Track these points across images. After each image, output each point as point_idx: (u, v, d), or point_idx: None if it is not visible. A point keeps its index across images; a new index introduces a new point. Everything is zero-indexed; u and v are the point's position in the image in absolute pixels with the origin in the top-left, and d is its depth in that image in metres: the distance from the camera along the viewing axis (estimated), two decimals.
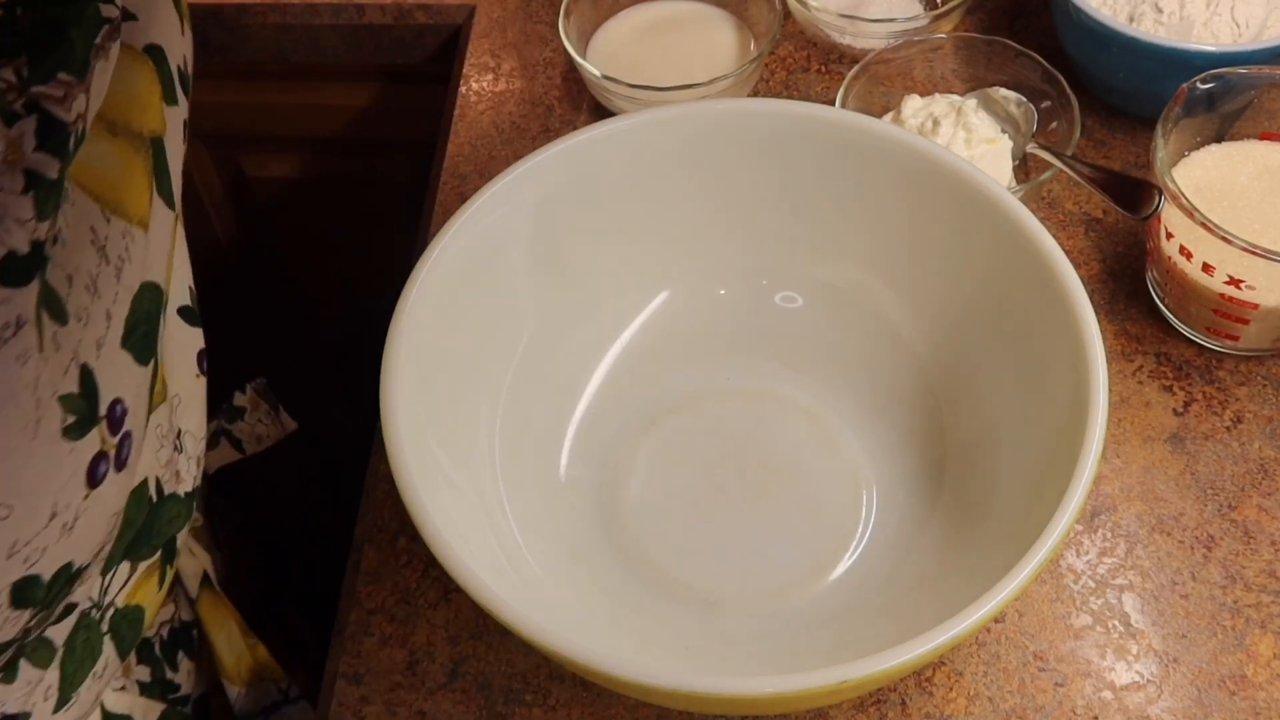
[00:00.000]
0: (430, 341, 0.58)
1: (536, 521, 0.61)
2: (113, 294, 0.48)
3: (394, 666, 0.60)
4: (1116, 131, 0.78)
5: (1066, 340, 0.55)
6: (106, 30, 0.47)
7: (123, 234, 0.49)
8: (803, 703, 0.54)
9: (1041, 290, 0.56)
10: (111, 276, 0.48)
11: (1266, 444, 0.65)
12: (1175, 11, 0.73)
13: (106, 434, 0.47)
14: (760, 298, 0.68)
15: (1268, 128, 0.68)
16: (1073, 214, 0.74)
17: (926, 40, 0.78)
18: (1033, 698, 0.58)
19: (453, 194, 0.79)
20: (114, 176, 0.49)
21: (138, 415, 0.50)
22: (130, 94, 0.51)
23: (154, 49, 0.54)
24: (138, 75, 0.52)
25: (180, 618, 0.67)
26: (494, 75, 0.86)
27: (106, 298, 0.47)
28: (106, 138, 0.50)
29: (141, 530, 0.57)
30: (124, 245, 0.49)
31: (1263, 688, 0.57)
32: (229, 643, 0.68)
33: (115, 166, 0.49)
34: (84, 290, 0.46)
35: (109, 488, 0.48)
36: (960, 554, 0.58)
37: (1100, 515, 0.63)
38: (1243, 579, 0.61)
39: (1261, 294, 0.63)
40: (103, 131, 0.50)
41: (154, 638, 0.65)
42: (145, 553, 0.58)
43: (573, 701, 0.59)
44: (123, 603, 0.57)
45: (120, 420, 0.48)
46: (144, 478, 0.57)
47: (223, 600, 0.68)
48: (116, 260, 0.48)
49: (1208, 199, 0.65)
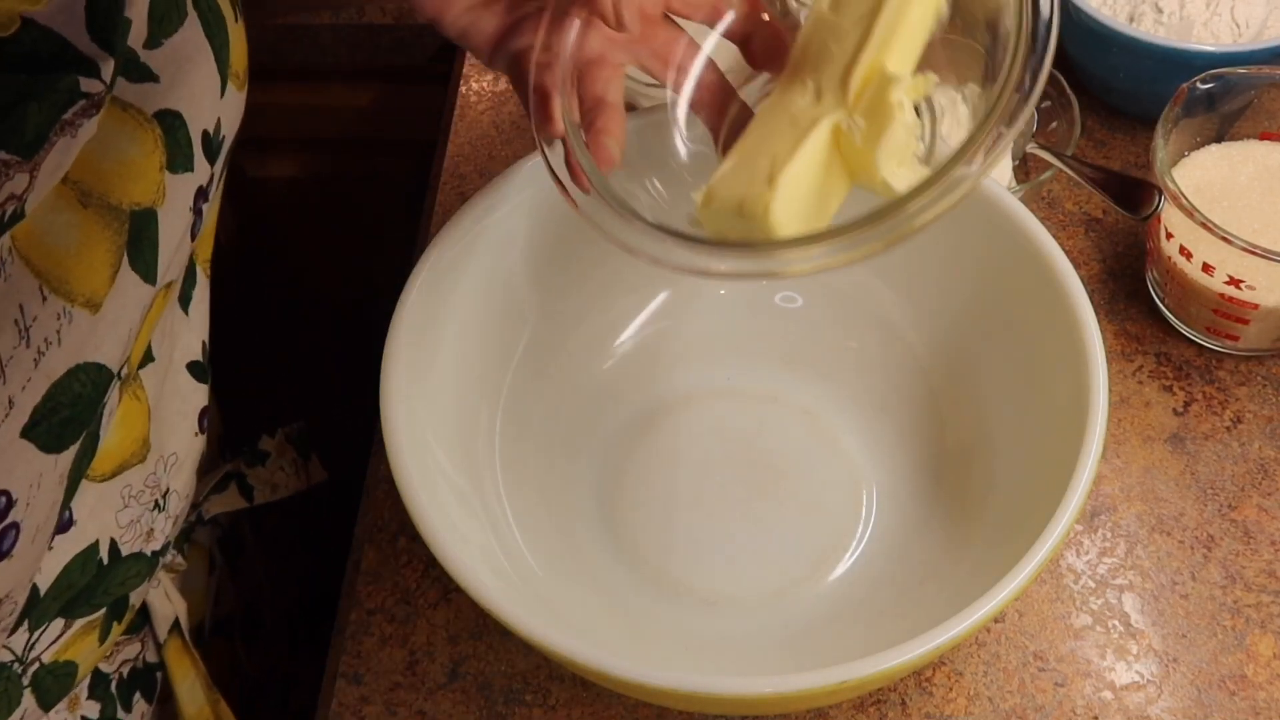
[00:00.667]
0: (430, 342, 0.58)
1: (536, 521, 0.61)
2: (23, 380, 0.45)
3: (394, 666, 0.60)
4: (1116, 131, 0.78)
5: (1066, 340, 0.55)
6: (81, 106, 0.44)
7: (58, 315, 0.46)
8: (803, 703, 0.54)
9: (1041, 290, 0.56)
10: (28, 361, 0.45)
11: (1266, 444, 0.65)
12: (1175, 11, 0.73)
13: None
14: (760, 298, 0.68)
15: (1268, 128, 0.68)
16: (1073, 214, 0.74)
17: None
18: (1033, 698, 0.58)
19: (453, 194, 0.79)
20: (68, 252, 0.47)
21: (36, 505, 0.48)
22: (119, 162, 0.49)
23: (168, 115, 0.51)
24: (135, 142, 0.50)
25: (145, 659, 0.65)
26: (494, 75, 0.86)
27: (14, 383, 0.45)
28: (75, 208, 0.47)
29: (84, 591, 0.56)
30: (54, 328, 0.46)
31: (1262, 688, 0.57)
32: (191, 694, 0.65)
33: (74, 241, 0.47)
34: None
35: None
36: (960, 554, 0.58)
37: (1100, 515, 0.63)
38: (1243, 579, 0.61)
39: (1261, 294, 0.63)
40: (72, 201, 0.47)
41: (112, 674, 0.63)
42: (85, 611, 0.56)
43: (573, 701, 0.59)
44: (50, 659, 0.55)
45: (3, 513, 0.46)
46: (93, 540, 0.55)
47: (190, 651, 0.65)
48: (40, 343, 0.46)
49: (1208, 199, 0.65)
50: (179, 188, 0.52)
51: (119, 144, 0.49)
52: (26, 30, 0.43)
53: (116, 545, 0.57)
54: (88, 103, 0.44)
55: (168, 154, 0.51)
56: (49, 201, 0.46)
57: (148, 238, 0.51)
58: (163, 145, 0.51)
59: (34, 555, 0.50)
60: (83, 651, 0.57)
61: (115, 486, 0.56)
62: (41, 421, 0.46)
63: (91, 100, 0.45)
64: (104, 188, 0.48)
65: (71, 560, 0.54)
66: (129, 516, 0.58)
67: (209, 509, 0.66)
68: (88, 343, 0.48)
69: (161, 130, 0.51)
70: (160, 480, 0.60)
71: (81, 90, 0.44)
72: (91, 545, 0.55)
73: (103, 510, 0.56)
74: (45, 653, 0.55)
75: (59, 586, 0.54)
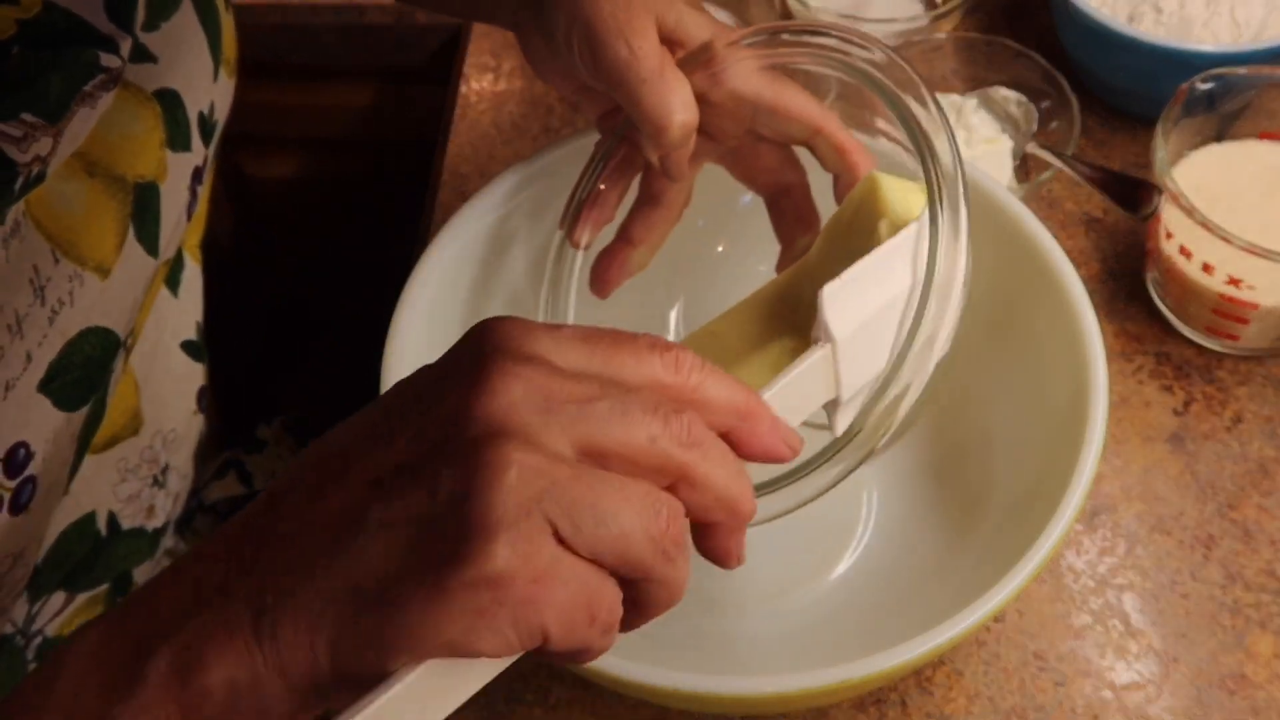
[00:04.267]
0: (430, 342, 0.58)
1: None
2: (39, 336, 0.46)
3: None
4: (1116, 131, 0.78)
5: (1066, 340, 0.55)
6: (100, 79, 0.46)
7: (70, 277, 0.48)
8: (803, 702, 0.54)
9: (1041, 290, 0.56)
10: (44, 319, 0.46)
11: (1266, 444, 0.65)
12: (1175, 11, 0.73)
13: (2, 477, 0.46)
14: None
15: (1268, 127, 0.68)
16: (1073, 214, 0.74)
17: (926, 40, 0.78)
18: (1033, 697, 0.58)
19: (453, 194, 0.79)
20: (77, 218, 0.48)
21: (51, 460, 0.49)
22: (124, 136, 0.50)
23: (167, 94, 0.53)
24: (137, 119, 0.51)
25: None
26: (494, 75, 0.86)
27: (31, 338, 0.46)
28: (81, 177, 0.48)
29: (83, 561, 0.56)
30: (68, 289, 0.47)
31: (1262, 687, 0.57)
32: None
33: (81, 208, 0.48)
34: (4, 329, 0.45)
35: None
36: (960, 554, 0.58)
37: (1100, 515, 0.63)
38: (1242, 578, 0.61)
39: (1261, 294, 0.63)
40: (79, 170, 0.48)
41: None
42: (87, 584, 0.57)
43: (573, 701, 0.59)
44: (54, 632, 0.56)
45: (22, 464, 0.47)
46: (88, 511, 0.56)
47: None
48: (54, 303, 0.47)
49: (1208, 199, 0.65)
50: (179, 165, 0.54)
51: (122, 119, 0.50)
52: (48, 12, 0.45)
53: (116, 519, 0.58)
54: (106, 76, 0.46)
55: (167, 132, 0.53)
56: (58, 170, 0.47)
57: (151, 211, 0.52)
58: (163, 123, 0.52)
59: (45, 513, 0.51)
60: None
61: (110, 459, 0.57)
62: (57, 378, 0.48)
63: (110, 74, 0.47)
64: (109, 160, 0.50)
65: (67, 529, 0.55)
66: (128, 491, 0.58)
67: (209, 495, 0.67)
68: (97, 307, 0.49)
69: (161, 108, 0.52)
70: (159, 455, 0.60)
71: (101, 64, 0.46)
72: (87, 515, 0.56)
73: (97, 482, 0.56)
74: (49, 625, 0.56)
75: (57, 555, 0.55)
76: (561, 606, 0.31)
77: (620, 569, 0.33)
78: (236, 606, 0.32)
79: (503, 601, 0.30)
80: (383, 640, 0.31)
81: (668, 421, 0.34)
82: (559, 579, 0.31)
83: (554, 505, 0.31)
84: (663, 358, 0.35)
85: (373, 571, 0.31)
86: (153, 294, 0.56)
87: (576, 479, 0.32)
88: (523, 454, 0.31)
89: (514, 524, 0.31)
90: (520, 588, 0.31)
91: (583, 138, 0.62)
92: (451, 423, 0.32)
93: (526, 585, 0.31)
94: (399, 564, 0.31)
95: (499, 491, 0.31)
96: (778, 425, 0.37)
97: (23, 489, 0.48)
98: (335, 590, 0.31)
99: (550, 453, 0.32)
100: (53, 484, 0.50)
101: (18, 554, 0.50)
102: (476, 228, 0.60)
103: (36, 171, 0.44)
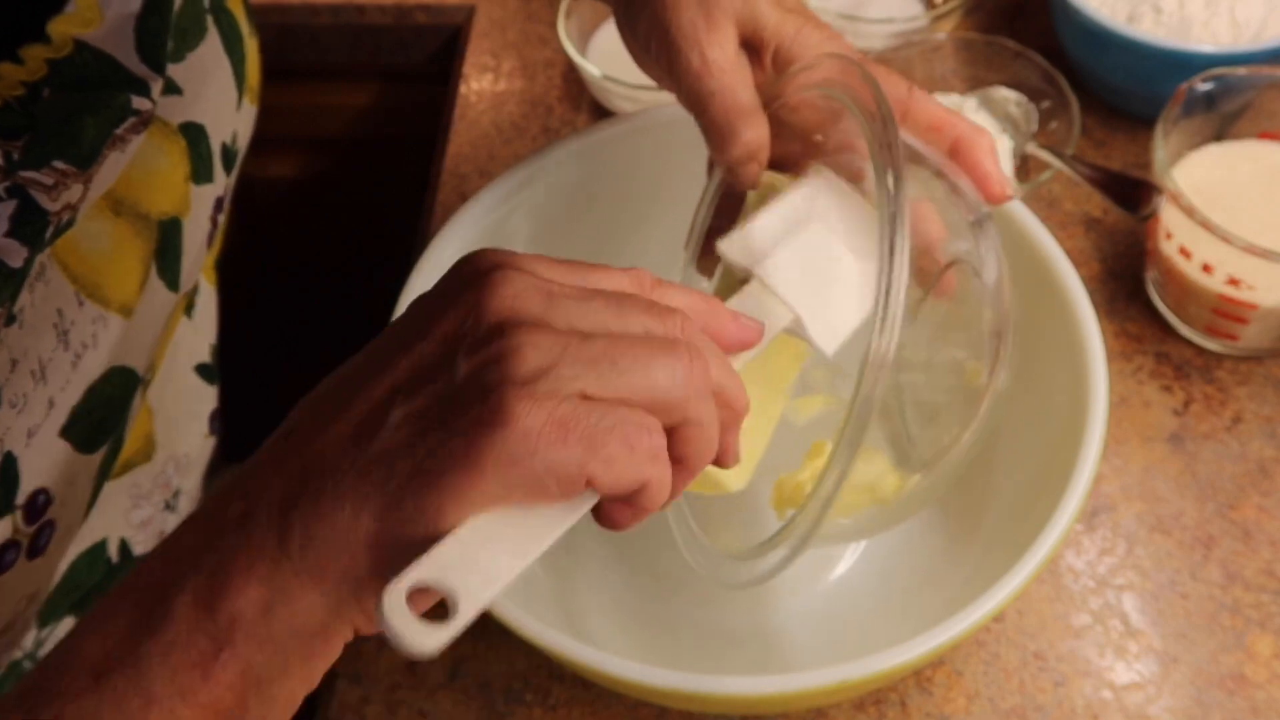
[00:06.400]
0: None
1: None
2: (63, 381, 0.46)
3: (394, 666, 0.60)
4: (1116, 131, 0.78)
5: (1066, 340, 0.55)
6: (132, 123, 0.46)
7: (94, 320, 0.47)
8: (803, 702, 0.54)
9: (1041, 290, 0.56)
10: (67, 364, 0.46)
11: (1266, 444, 0.65)
12: (1175, 11, 0.73)
13: (21, 523, 0.46)
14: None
15: (1267, 128, 0.68)
16: (1073, 214, 0.74)
17: (926, 40, 0.78)
18: (1032, 697, 0.58)
19: (453, 194, 0.79)
20: (102, 259, 0.48)
21: (69, 502, 0.48)
22: (148, 173, 0.50)
23: (192, 127, 0.52)
24: (163, 154, 0.51)
25: None
26: (494, 75, 0.86)
27: (54, 384, 0.46)
28: (107, 217, 0.48)
29: (94, 589, 0.56)
30: (91, 332, 0.47)
31: (1262, 687, 0.57)
32: None
33: (107, 249, 0.48)
34: (28, 376, 0.44)
35: (15, 575, 0.47)
36: (960, 554, 0.58)
37: (1100, 515, 0.63)
38: (1242, 578, 0.61)
39: (1261, 294, 0.63)
40: (105, 210, 0.48)
41: None
42: None
43: (573, 701, 0.59)
44: None
45: (41, 509, 0.47)
46: (99, 539, 0.55)
47: None
48: (78, 347, 0.47)
49: (1207, 199, 0.65)
50: (201, 198, 0.53)
51: (148, 155, 0.50)
52: (80, 52, 0.45)
53: (128, 545, 0.57)
54: (138, 119, 0.46)
55: (192, 166, 0.52)
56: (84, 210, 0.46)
57: (173, 247, 0.51)
58: (187, 157, 0.52)
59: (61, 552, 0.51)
60: None
61: (123, 485, 0.56)
62: (79, 422, 0.47)
63: (141, 117, 0.46)
64: (135, 197, 0.49)
65: (78, 558, 0.55)
66: (140, 517, 0.58)
67: None
68: (119, 347, 0.49)
69: (186, 142, 0.52)
70: (171, 480, 0.60)
71: (133, 108, 0.45)
72: (98, 543, 0.55)
73: (110, 509, 0.56)
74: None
75: (68, 583, 0.54)
76: (594, 444, 0.33)
77: (653, 409, 0.34)
78: (258, 529, 0.33)
79: (534, 451, 0.32)
80: (425, 502, 0.32)
81: (661, 317, 0.36)
82: (586, 421, 0.33)
83: (572, 367, 0.33)
84: (626, 273, 0.37)
85: (405, 445, 0.32)
86: (172, 327, 0.55)
87: (591, 343, 0.34)
88: (536, 332, 0.33)
89: (533, 380, 0.32)
90: (549, 433, 0.32)
91: (583, 138, 0.63)
92: (463, 322, 0.34)
93: (554, 429, 0.32)
94: (429, 436, 0.32)
95: (517, 359, 0.33)
96: (738, 315, 0.40)
97: (41, 533, 0.48)
98: (371, 467, 0.32)
99: (561, 329, 0.34)
100: (70, 525, 0.50)
101: (33, 595, 0.50)
102: (476, 228, 0.60)
103: (68, 219, 0.44)
